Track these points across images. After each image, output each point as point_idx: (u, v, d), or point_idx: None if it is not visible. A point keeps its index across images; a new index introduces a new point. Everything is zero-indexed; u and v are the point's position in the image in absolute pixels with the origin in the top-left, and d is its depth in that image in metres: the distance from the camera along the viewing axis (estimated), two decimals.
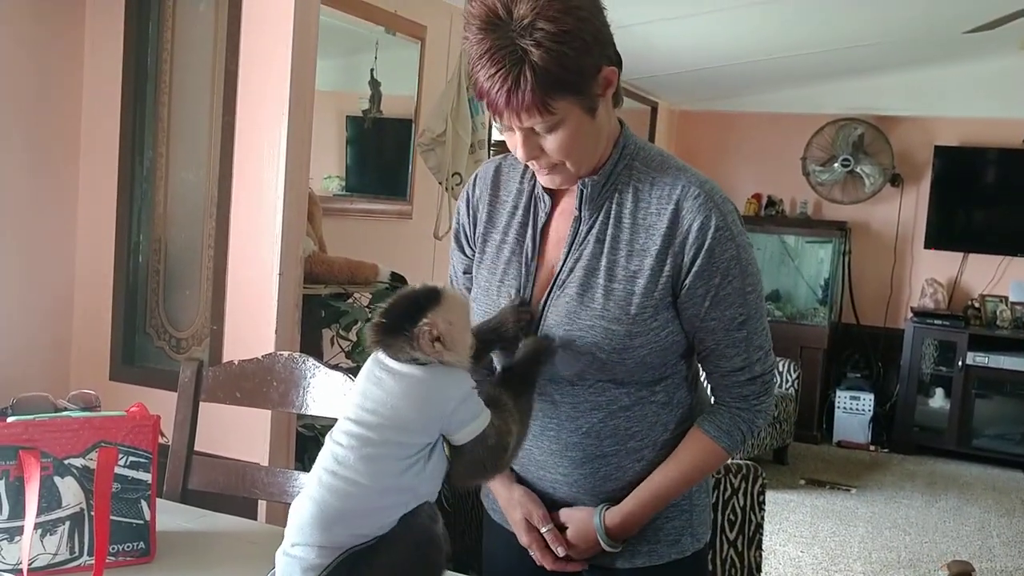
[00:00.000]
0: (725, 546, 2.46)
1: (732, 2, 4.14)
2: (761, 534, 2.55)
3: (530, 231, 1.40)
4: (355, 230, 3.51)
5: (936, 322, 5.94)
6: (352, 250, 2.95)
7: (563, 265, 1.35)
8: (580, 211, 1.35)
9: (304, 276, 2.34)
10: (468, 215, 1.49)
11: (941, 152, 6.06)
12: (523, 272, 1.39)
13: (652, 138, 6.35)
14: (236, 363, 1.78)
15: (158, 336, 2.38)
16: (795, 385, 5.68)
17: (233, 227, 2.23)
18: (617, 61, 1.30)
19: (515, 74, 1.18)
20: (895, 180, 6.22)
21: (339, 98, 3.78)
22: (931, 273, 6.21)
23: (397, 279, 2.89)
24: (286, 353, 1.76)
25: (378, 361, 1.20)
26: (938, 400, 6.08)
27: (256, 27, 2.18)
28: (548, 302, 1.35)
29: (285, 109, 2.15)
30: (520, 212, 1.42)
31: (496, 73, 1.18)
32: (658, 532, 1.42)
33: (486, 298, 1.43)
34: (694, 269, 1.30)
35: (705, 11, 4.25)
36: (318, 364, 1.72)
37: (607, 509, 1.39)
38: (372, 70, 3.64)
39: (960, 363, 5.82)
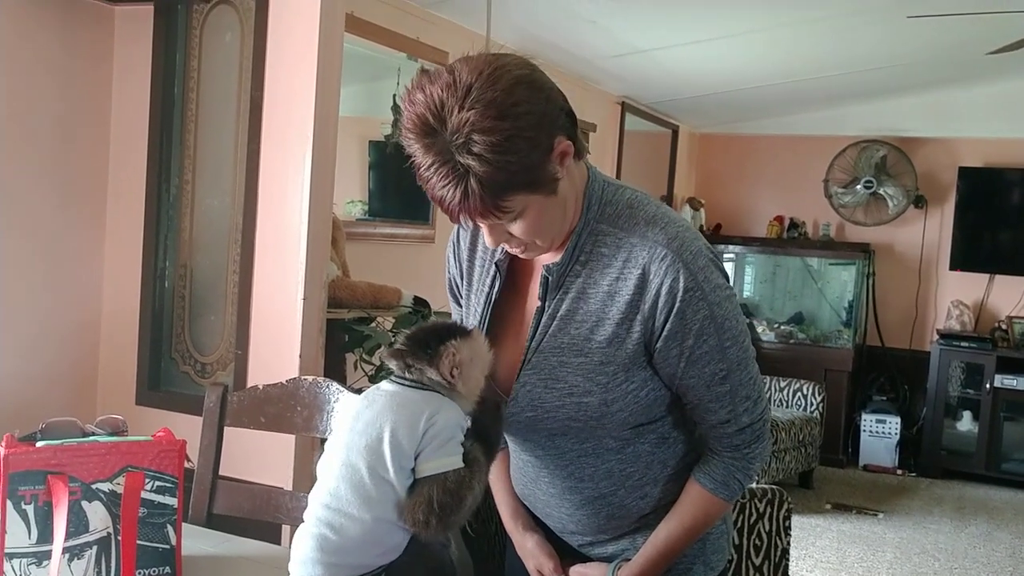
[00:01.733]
0: (751, 571, 2.43)
1: (751, 26, 4.15)
2: (787, 560, 2.52)
3: (490, 292, 1.37)
4: (378, 254, 3.53)
5: (963, 344, 5.87)
6: (375, 274, 2.97)
7: (528, 348, 1.31)
8: (544, 301, 1.30)
9: (327, 300, 2.36)
10: (456, 266, 1.47)
11: (965, 173, 6.02)
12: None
13: (673, 161, 6.36)
14: (260, 388, 1.80)
15: (183, 361, 2.40)
16: (820, 408, 5.62)
17: (258, 253, 2.25)
18: (571, 125, 1.22)
19: (462, 188, 1.13)
20: (919, 201, 6.18)
21: (361, 123, 3.81)
22: (957, 295, 6.16)
23: (420, 303, 2.90)
24: (310, 378, 1.77)
25: (376, 387, 1.22)
26: (966, 423, 6.00)
27: (281, 56, 2.21)
28: (519, 382, 1.32)
29: (309, 136, 2.17)
30: (488, 279, 1.39)
31: (444, 186, 1.14)
32: None
33: None
34: (664, 333, 1.24)
35: (724, 35, 4.27)
36: (342, 388, 1.72)
37: (619, 568, 1.37)
38: (394, 95, 3.67)
39: (988, 386, 5.74)
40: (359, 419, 1.20)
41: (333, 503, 1.16)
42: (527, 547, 1.46)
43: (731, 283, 1.31)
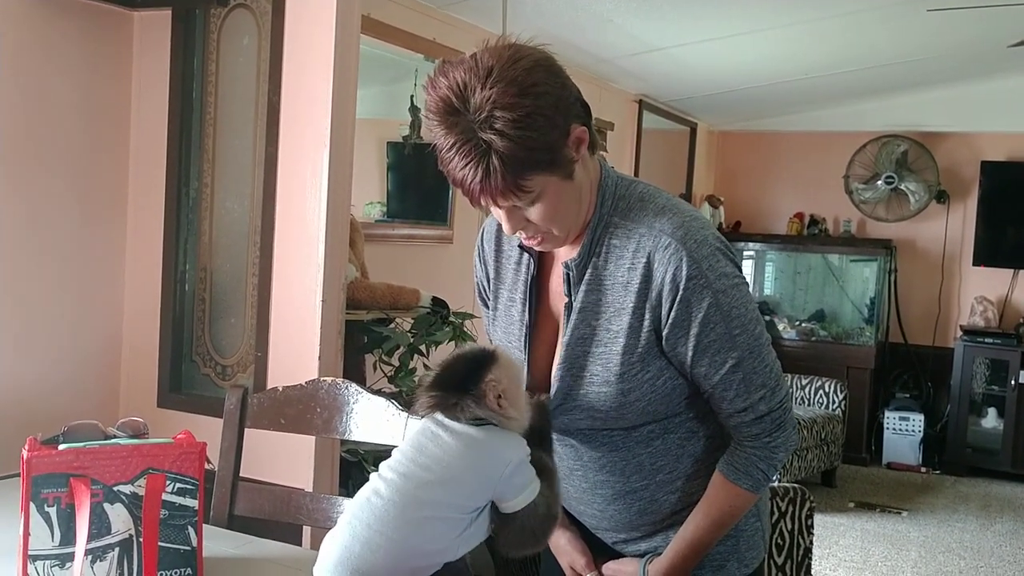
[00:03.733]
0: (773, 571, 2.42)
1: (769, 22, 4.13)
2: (810, 559, 2.51)
3: (528, 303, 1.39)
4: (396, 255, 3.54)
5: (987, 340, 5.82)
6: (394, 275, 2.97)
7: (564, 343, 1.34)
8: (569, 296, 1.33)
9: (346, 302, 2.37)
10: (482, 270, 1.49)
11: (988, 167, 5.96)
12: (525, 334, 1.39)
13: (691, 159, 6.33)
14: (280, 389, 1.81)
15: (204, 363, 2.41)
16: (842, 406, 5.58)
17: (276, 255, 2.27)
18: (585, 114, 1.27)
19: (484, 165, 1.17)
20: (941, 197, 6.12)
21: (379, 125, 3.82)
22: (980, 291, 6.09)
23: (438, 304, 2.91)
24: (329, 379, 1.78)
25: (436, 420, 1.20)
26: (991, 420, 5.94)
27: (298, 59, 2.22)
28: (554, 376, 1.35)
29: (326, 139, 2.18)
30: (523, 267, 1.41)
31: (466, 166, 1.17)
32: (702, 558, 1.40)
33: None
34: (670, 321, 1.26)
35: (742, 32, 4.24)
36: (361, 390, 1.73)
37: (650, 562, 1.38)
38: (412, 97, 3.68)
39: (1013, 382, 5.68)
40: (423, 453, 1.18)
41: (376, 524, 1.15)
42: (560, 544, 1.47)
43: (742, 272, 1.32)
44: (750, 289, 1.34)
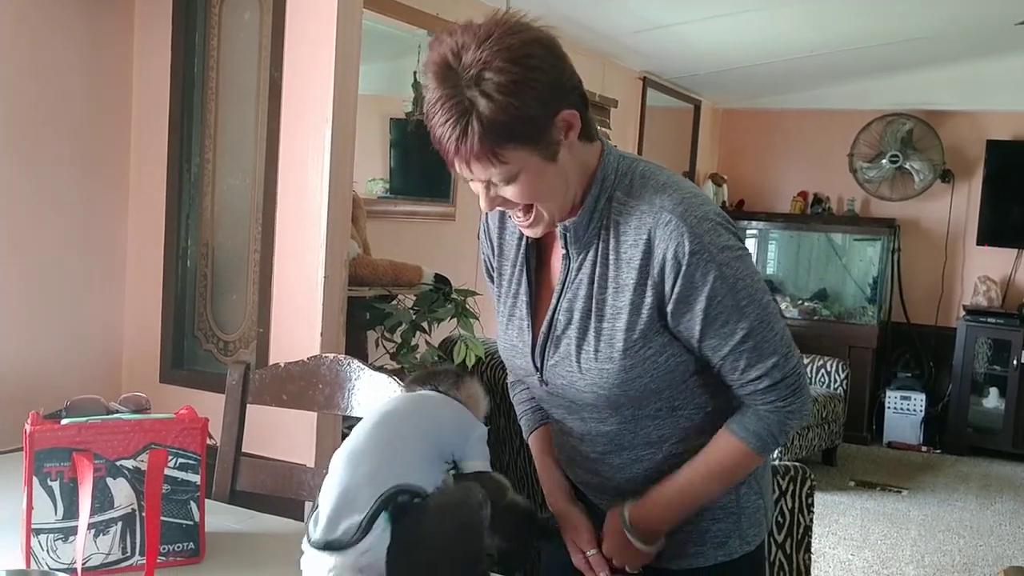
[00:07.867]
0: (773, 549, 2.43)
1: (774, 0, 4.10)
2: (810, 537, 2.52)
3: (526, 274, 1.41)
4: (399, 232, 3.53)
5: (990, 320, 5.82)
6: (396, 252, 2.97)
7: (555, 308, 1.35)
8: (567, 250, 1.33)
9: (349, 278, 2.37)
10: (488, 246, 1.50)
11: (993, 146, 5.93)
12: (526, 316, 1.41)
13: (695, 137, 6.31)
14: (282, 366, 1.81)
15: (206, 339, 2.42)
16: (844, 385, 5.59)
17: (279, 231, 2.26)
18: (582, 104, 1.26)
19: (463, 125, 1.17)
20: (945, 176, 6.10)
21: (382, 101, 3.80)
22: (984, 270, 6.08)
23: (441, 281, 2.91)
24: (331, 355, 1.78)
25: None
26: (992, 400, 5.95)
27: (300, 35, 2.20)
28: (546, 348, 1.37)
29: (328, 115, 2.17)
30: (524, 246, 1.42)
31: (446, 122, 1.18)
32: (704, 534, 1.41)
33: (504, 335, 1.45)
34: (675, 296, 1.26)
35: (747, 9, 4.21)
36: (363, 366, 1.73)
37: (632, 506, 1.39)
38: (415, 73, 3.66)
39: (1015, 362, 5.69)
40: (408, 400, 1.30)
41: (357, 445, 1.21)
42: (566, 516, 1.48)
43: (744, 244, 1.31)
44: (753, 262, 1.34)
